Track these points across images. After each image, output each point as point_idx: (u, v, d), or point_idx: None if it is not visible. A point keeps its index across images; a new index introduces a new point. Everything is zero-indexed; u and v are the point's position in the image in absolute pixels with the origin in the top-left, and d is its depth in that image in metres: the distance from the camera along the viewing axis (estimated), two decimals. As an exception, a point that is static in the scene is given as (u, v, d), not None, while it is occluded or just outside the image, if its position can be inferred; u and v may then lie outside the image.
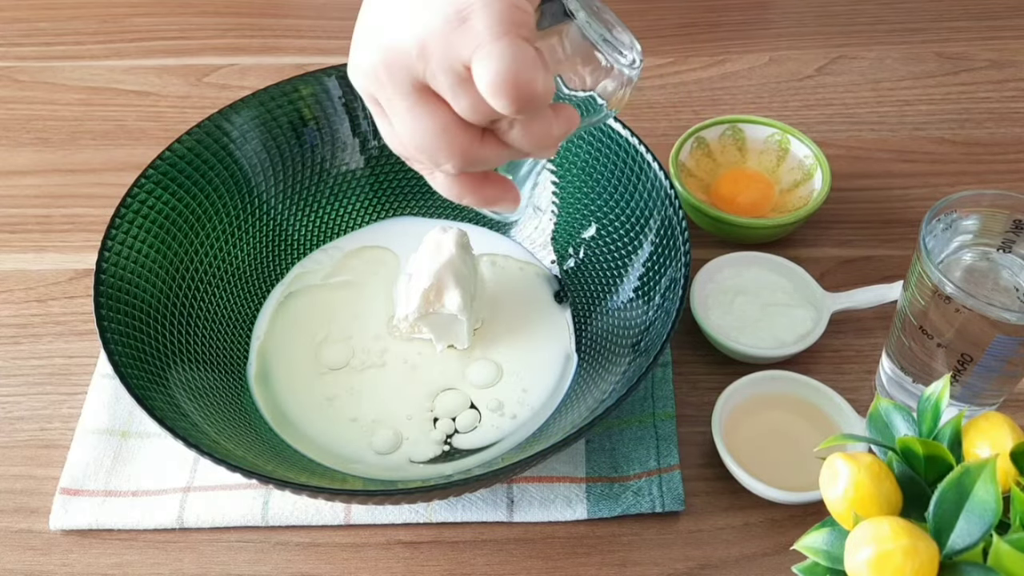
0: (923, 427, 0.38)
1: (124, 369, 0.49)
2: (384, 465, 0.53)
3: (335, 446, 0.54)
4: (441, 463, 0.54)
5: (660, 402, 0.57)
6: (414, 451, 0.54)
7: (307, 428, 0.55)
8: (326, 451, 0.54)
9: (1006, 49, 0.81)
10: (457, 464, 0.53)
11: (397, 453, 0.54)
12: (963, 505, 0.34)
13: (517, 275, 0.62)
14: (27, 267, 0.66)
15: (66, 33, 0.85)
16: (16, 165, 0.73)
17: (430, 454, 0.54)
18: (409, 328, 0.58)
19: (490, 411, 0.56)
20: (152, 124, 0.76)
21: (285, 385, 0.57)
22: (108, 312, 0.51)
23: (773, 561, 0.51)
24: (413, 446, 0.54)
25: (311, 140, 0.63)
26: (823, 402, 0.54)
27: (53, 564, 0.51)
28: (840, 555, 0.35)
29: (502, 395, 0.56)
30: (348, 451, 0.54)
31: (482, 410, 0.56)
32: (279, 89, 0.62)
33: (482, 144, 0.41)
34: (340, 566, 0.51)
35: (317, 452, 0.54)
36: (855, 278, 0.64)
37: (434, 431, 0.55)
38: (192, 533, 0.53)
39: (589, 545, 0.52)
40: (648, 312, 0.55)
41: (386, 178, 0.66)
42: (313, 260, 0.63)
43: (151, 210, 0.56)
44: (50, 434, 0.57)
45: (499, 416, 0.55)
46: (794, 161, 0.67)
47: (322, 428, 0.55)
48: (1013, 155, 0.72)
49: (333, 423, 0.55)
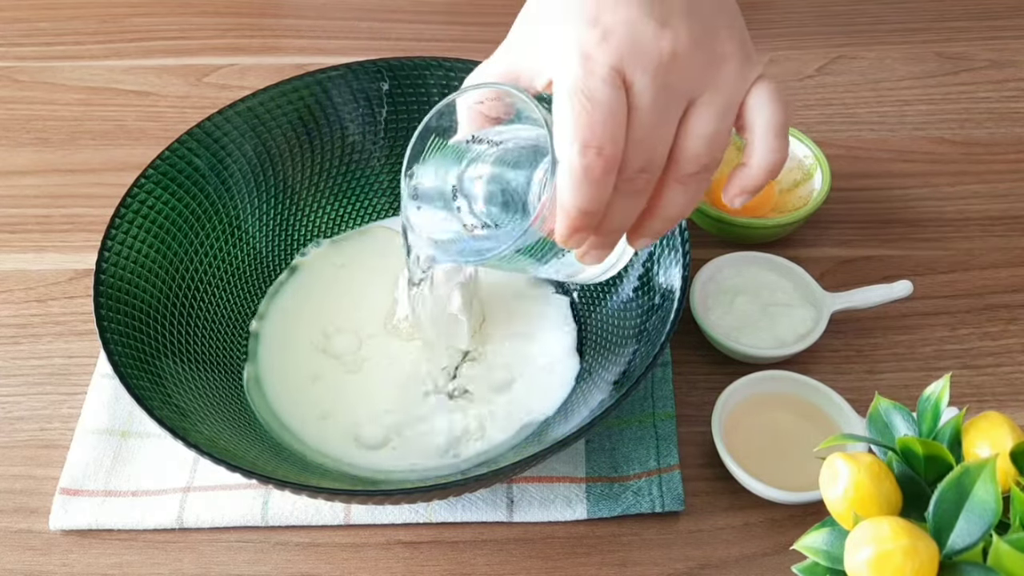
0: (923, 427, 0.38)
1: (124, 369, 0.49)
2: (382, 467, 0.53)
3: (330, 450, 0.54)
4: (441, 463, 0.54)
5: (660, 402, 0.57)
6: (414, 450, 0.54)
7: (302, 433, 0.55)
8: (321, 455, 0.54)
9: (1006, 49, 0.81)
10: (457, 464, 0.53)
11: (395, 454, 0.54)
12: (963, 505, 0.34)
13: (517, 274, 0.62)
14: (27, 267, 0.66)
15: (66, 33, 0.85)
16: (16, 165, 0.73)
17: (430, 453, 0.54)
18: (409, 328, 0.58)
19: (490, 411, 0.56)
20: (152, 124, 0.76)
21: (280, 387, 0.57)
22: (108, 312, 0.51)
23: (773, 561, 0.51)
24: (413, 446, 0.54)
25: (311, 140, 0.63)
26: (823, 402, 0.54)
27: (53, 564, 0.52)
28: (840, 555, 0.35)
29: (502, 394, 0.56)
30: (341, 452, 0.54)
31: (482, 410, 0.56)
32: (279, 89, 0.62)
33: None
34: (340, 566, 0.51)
35: (313, 455, 0.54)
36: (855, 278, 0.64)
37: (434, 430, 0.55)
38: (192, 533, 0.53)
39: (589, 545, 0.52)
40: (648, 312, 0.55)
41: (386, 177, 0.66)
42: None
43: (151, 210, 0.56)
44: (50, 434, 0.57)
45: (499, 416, 0.55)
46: (794, 161, 0.67)
47: (316, 433, 0.55)
48: (1013, 155, 0.72)
49: (329, 427, 0.55)
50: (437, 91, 0.64)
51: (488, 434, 0.55)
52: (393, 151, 0.65)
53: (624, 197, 0.40)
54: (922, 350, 0.60)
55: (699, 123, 0.40)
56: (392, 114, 0.64)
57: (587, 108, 0.38)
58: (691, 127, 0.40)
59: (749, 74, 0.41)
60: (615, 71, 0.38)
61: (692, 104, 0.40)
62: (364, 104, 0.64)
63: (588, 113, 0.38)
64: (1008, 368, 0.59)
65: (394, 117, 0.64)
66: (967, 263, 0.65)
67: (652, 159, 0.39)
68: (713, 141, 0.40)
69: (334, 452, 0.54)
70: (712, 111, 0.40)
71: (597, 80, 0.38)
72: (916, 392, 0.57)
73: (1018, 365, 0.59)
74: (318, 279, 0.62)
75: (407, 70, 0.63)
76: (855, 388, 0.57)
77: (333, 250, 0.64)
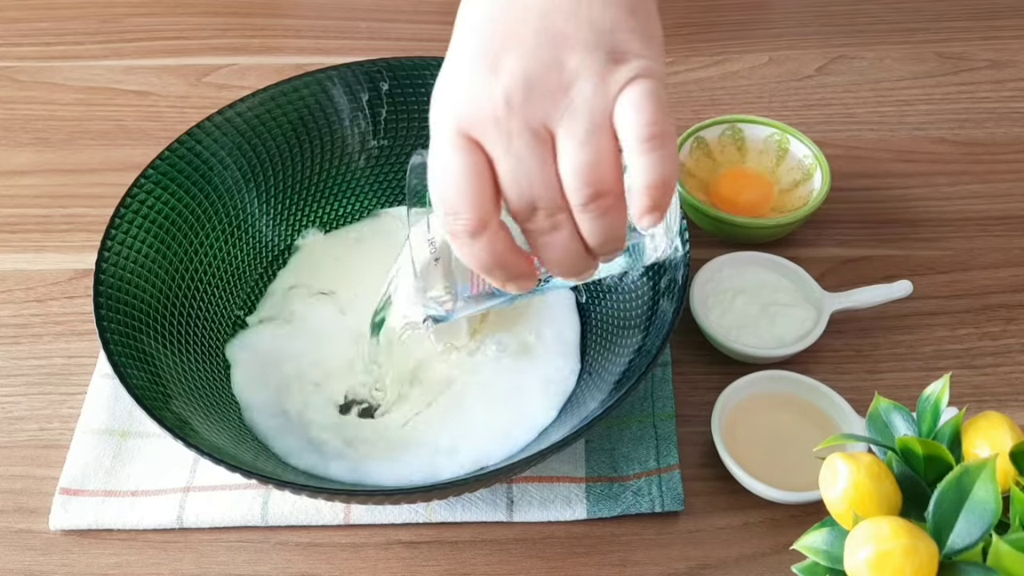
0: (923, 427, 0.38)
1: (124, 369, 0.49)
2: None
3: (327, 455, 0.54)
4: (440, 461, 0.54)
5: (660, 402, 0.57)
6: (417, 451, 0.54)
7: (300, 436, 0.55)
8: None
9: (1006, 49, 0.81)
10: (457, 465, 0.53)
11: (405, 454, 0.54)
12: (963, 505, 0.34)
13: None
14: (27, 267, 0.66)
15: (66, 33, 0.85)
16: (16, 165, 0.73)
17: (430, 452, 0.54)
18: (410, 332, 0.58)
19: (489, 412, 0.55)
20: (152, 124, 0.76)
21: (276, 389, 0.57)
22: (108, 312, 0.51)
23: (773, 561, 0.51)
24: (415, 446, 0.54)
25: (310, 140, 0.63)
26: (823, 402, 0.54)
27: (53, 564, 0.52)
28: (840, 555, 0.35)
29: (501, 395, 0.56)
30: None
31: (482, 409, 0.56)
32: (279, 89, 0.62)
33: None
34: (340, 566, 0.51)
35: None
36: (855, 278, 0.64)
37: (433, 430, 0.55)
38: (192, 533, 0.53)
39: (589, 545, 0.52)
40: (648, 312, 0.55)
41: (385, 178, 0.66)
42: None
43: (151, 210, 0.56)
44: (50, 434, 0.57)
45: (499, 416, 0.55)
46: (794, 161, 0.67)
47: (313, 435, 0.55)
48: (1013, 155, 0.72)
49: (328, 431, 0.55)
50: (437, 91, 0.64)
51: (488, 434, 0.54)
52: (393, 151, 0.65)
53: (541, 237, 0.39)
54: (922, 350, 0.60)
55: (565, 156, 0.37)
56: (392, 114, 0.64)
57: (438, 176, 0.38)
58: (561, 162, 0.38)
59: (611, 83, 0.37)
60: (459, 135, 0.38)
61: (555, 136, 0.38)
62: (364, 104, 0.64)
63: (440, 181, 0.38)
64: (1008, 368, 0.59)
65: (394, 117, 0.64)
66: (967, 263, 0.65)
67: (540, 199, 0.38)
68: (589, 169, 0.37)
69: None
70: (573, 141, 0.37)
71: (444, 147, 0.38)
72: (916, 392, 0.56)
73: (1018, 365, 0.59)
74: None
75: (407, 70, 0.63)
76: (855, 388, 0.57)
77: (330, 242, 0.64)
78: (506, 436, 0.54)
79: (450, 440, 0.54)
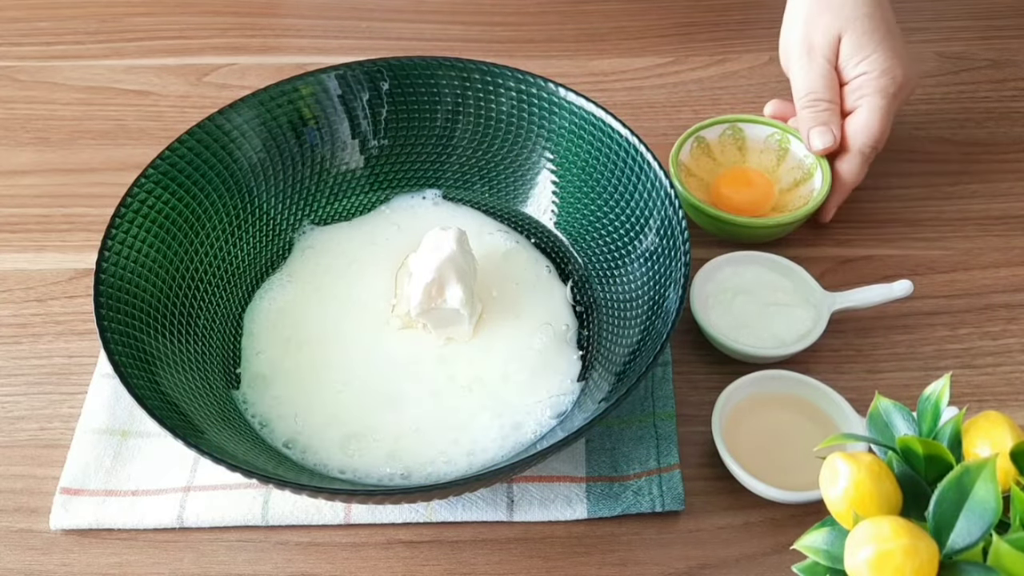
0: (923, 427, 0.38)
1: (124, 369, 0.49)
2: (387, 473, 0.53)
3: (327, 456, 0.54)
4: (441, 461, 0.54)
5: (660, 402, 0.57)
6: (417, 449, 0.54)
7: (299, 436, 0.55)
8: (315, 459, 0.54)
9: (1006, 49, 0.81)
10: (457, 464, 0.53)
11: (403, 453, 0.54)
12: (963, 504, 0.34)
13: (518, 270, 0.62)
14: (27, 267, 0.66)
15: (66, 33, 0.85)
16: (16, 165, 0.73)
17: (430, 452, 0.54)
18: (409, 322, 0.58)
19: (489, 410, 0.55)
20: (152, 124, 0.76)
21: (275, 388, 0.57)
22: (108, 312, 0.51)
23: (773, 561, 0.51)
24: (415, 445, 0.54)
25: (311, 140, 0.63)
26: (823, 402, 0.54)
27: (53, 564, 0.52)
28: (840, 555, 0.35)
29: (502, 394, 0.56)
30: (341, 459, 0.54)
31: (481, 409, 0.56)
32: (279, 89, 0.62)
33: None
34: (340, 566, 0.51)
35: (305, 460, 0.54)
36: (855, 278, 0.64)
37: (433, 429, 0.55)
38: (192, 533, 0.53)
39: (589, 545, 0.52)
40: (648, 311, 0.55)
41: (385, 178, 0.66)
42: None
43: (151, 210, 0.56)
44: (50, 434, 0.57)
45: (499, 415, 0.55)
46: (794, 160, 0.67)
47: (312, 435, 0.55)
48: (1013, 155, 0.72)
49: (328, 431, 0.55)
50: (437, 91, 0.64)
51: (487, 434, 0.54)
52: (393, 151, 0.65)
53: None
54: (922, 350, 0.60)
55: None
56: (392, 114, 0.64)
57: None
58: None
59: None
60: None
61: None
62: (364, 104, 0.64)
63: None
64: (1008, 367, 0.59)
65: (394, 117, 0.64)
66: (967, 263, 0.65)
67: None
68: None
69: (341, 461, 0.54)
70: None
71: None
72: (916, 392, 0.57)
73: (1018, 365, 0.59)
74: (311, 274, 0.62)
75: (407, 70, 0.63)
76: (855, 388, 0.57)
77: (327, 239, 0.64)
78: (506, 436, 0.54)
79: (450, 439, 0.54)
